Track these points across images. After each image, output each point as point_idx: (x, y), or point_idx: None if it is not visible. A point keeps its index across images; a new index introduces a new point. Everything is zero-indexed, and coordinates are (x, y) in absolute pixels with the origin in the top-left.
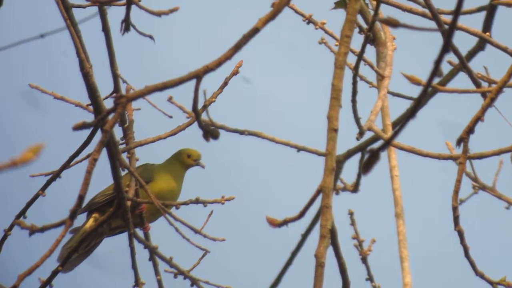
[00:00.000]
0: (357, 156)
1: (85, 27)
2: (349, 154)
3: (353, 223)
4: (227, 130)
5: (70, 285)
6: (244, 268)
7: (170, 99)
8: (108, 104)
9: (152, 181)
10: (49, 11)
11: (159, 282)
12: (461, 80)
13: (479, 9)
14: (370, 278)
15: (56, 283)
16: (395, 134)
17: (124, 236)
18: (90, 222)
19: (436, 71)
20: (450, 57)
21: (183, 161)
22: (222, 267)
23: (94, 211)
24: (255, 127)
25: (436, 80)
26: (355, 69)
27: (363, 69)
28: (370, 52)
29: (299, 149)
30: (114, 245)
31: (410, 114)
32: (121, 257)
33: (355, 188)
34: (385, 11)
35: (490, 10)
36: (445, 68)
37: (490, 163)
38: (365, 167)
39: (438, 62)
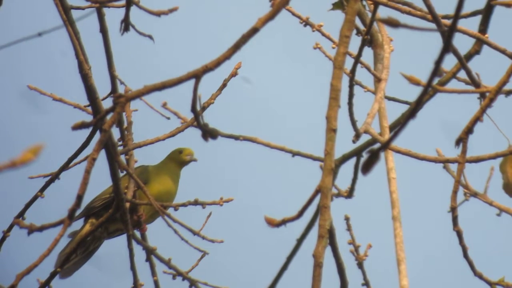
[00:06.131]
0: (352, 161)
1: (83, 27)
2: (344, 159)
3: (349, 229)
4: (222, 135)
5: (69, 286)
6: (243, 269)
7: (164, 105)
8: (107, 105)
9: (148, 183)
10: (48, 12)
11: (156, 283)
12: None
13: (474, 13)
14: (366, 283)
15: (54, 284)
16: (392, 137)
17: (123, 237)
18: (87, 227)
19: (436, 71)
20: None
21: (176, 158)
22: (220, 269)
23: (91, 216)
24: (254, 127)
25: (435, 81)
26: (352, 73)
27: (360, 71)
28: (368, 54)
29: (294, 153)
30: (114, 246)
31: (410, 115)
32: (120, 258)
33: (349, 194)
34: (384, 13)
35: (487, 12)
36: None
37: (481, 170)
38: (365, 167)
39: (438, 62)
